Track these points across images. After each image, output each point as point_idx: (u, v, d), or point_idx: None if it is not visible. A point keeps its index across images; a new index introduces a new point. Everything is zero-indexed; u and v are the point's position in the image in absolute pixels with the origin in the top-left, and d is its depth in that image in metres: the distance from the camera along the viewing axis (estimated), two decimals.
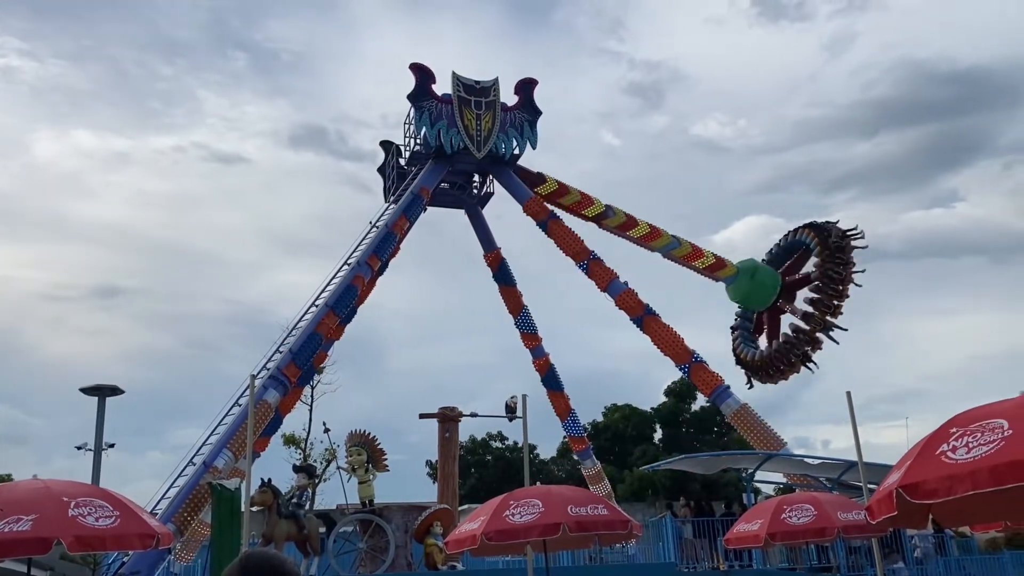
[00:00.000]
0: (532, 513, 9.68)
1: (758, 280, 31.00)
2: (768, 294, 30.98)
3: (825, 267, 28.86)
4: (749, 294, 31.24)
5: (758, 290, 31.04)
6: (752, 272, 31.08)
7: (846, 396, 12.09)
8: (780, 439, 27.39)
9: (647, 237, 30.97)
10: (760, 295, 31.11)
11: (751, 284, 30.95)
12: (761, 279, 31.04)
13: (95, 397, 21.52)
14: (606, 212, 31.27)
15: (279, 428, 29.13)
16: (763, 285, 30.98)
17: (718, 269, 31.11)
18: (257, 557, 2.75)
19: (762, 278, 31.06)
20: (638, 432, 55.21)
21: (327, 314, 26.13)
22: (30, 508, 7.41)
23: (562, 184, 31.93)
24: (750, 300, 31.53)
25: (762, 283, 30.99)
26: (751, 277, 30.97)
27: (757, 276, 31.02)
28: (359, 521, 18.25)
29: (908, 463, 6.09)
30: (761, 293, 31.06)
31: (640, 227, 31.07)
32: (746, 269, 31.17)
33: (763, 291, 31.00)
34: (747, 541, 12.58)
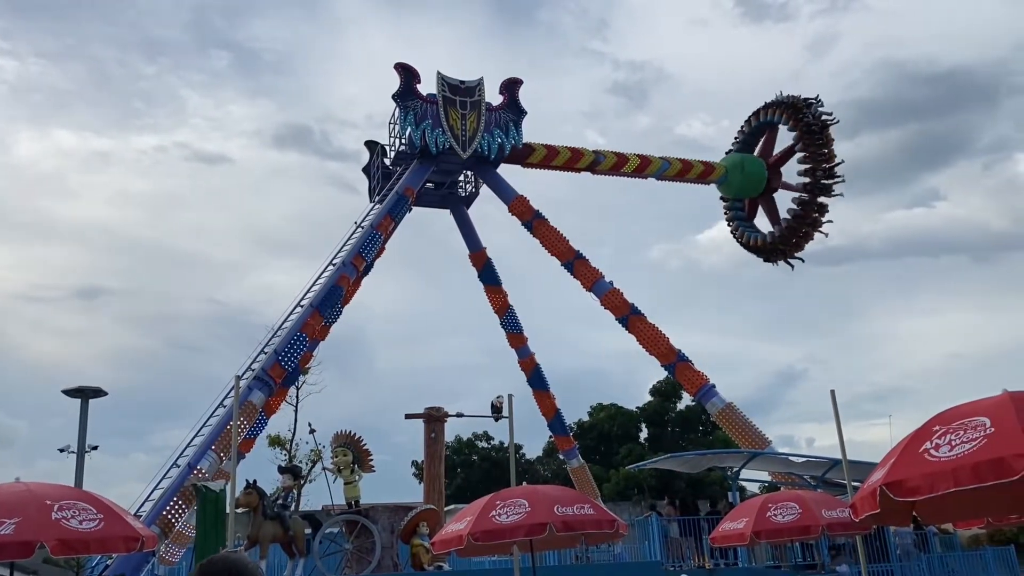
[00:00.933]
0: (518, 513, 9.68)
1: (748, 171, 33.09)
2: (760, 181, 33.13)
3: (804, 139, 31.21)
4: (743, 186, 33.32)
5: (750, 180, 33.16)
6: (740, 165, 33.13)
7: (830, 394, 12.19)
8: (765, 437, 27.54)
9: (640, 168, 32.61)
10: (753, 184, 33.28)
11: (743, 176, 33.03)
12: (750, 169, 33.16)
13: (78, 399, 21.32)
14: (597, 159, 32.51)
15: (264, 429, 29.00)
16: (753, 174, 33.11)
17: (708, 174, 33.23)
18: (216, 562, 2.73)
19: (751, 168, 33.19)
20: (624, 431, 55.39)
21: (312, 314, 26.04)
22: (12, 511, 7.34)
23: (550, 147, 32.55)
24: (745, 191, 33.62)
25: (752, 172, 33.12)
26: (741, 170, 33.02)
27: (746, 167, 33.13)
28: (345, 522, 18.20)
29: (892, 461, 6.14)
30: (753, 181, 33.23)
31: (631, 161, 32.55)
32: (734, 165, 33.16)
33: (755, 179, 33.18)
34: (733, 539, 12.64)
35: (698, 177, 33.23)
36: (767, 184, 33.23)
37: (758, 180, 33.25)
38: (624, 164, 32.44)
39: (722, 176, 33.13)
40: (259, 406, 24.25)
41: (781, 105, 32.39)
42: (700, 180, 33.44)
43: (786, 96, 32.50)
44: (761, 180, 33.21)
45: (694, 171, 33.00)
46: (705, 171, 33.04)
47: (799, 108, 31.66)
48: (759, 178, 33.21)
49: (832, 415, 12.16)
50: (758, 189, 33.42)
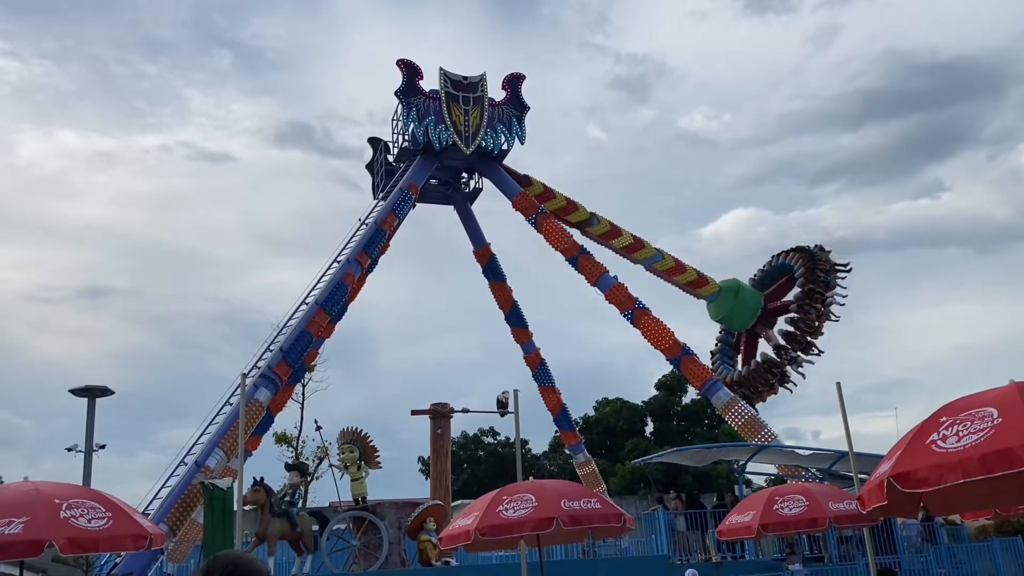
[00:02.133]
0: (525, 508, 9.70)
1: (741, 299, 30.98)
2: (749, 315, 31.05)
3: (804, 302, 29.15)
4: (731, 313, 31.24)
5: (740, 310, 31.08)
6: (735, 291, 31.03)
7: (836, 387, 12.16)
8: (771, 431, 27.51)
9: (630, 248, 31.07)
10: (741, 315, 31.15)
11: (734, 303, 30.97)
12: (744, 299, 31.02)
13: (85, 398, 21.39)
14: (590, 220, 31.39)
15: (271, 427, 29.07)
16: (746, 305, 31.01)
17: (700, 286, 31.15)
18: (222, 559, 2.73)
19: (745, 298, 31.03)
20: (629, 426, 55.35)
21: (317, 312, 26.08)
22: (22, 511, 7.37)
23: (548, 188, 32.04)
24: (732, 319, 31.52)
25: (745, 303, 31.01)
26: (735, 296, 30.96)
27: (740, 295, 31.02)
28: (352, 518, 18.25)
29: (899, 453, 6.14)
30: (743, 313, 31.10)
31: (623, 237, 31.20)
32: (729, 288, 31.08)
33: (745, 311, 31.07)
34: (739, 532, 12.63)
35: (688, 284, 31.11)
36: (756, 323, 31.20)
37: (749, 313, 31.04)
38: (616, 236, 31.10)
39: (713, 294, 31.06)
40: (265, 404, 24.30)
41: (804, 252, 30.18)
42: (690, 288, 31.27)
43: (815, 247, 30.29)
44: (752, 315, 31.04)
45: (686, 275, 31.03)
46: (698, 281, 31.02)
47: (817, 259, 29.51)
48: (751, 312, 31.02)
49: (838, 407, 12.15)
50: (745, 323, 31.30)
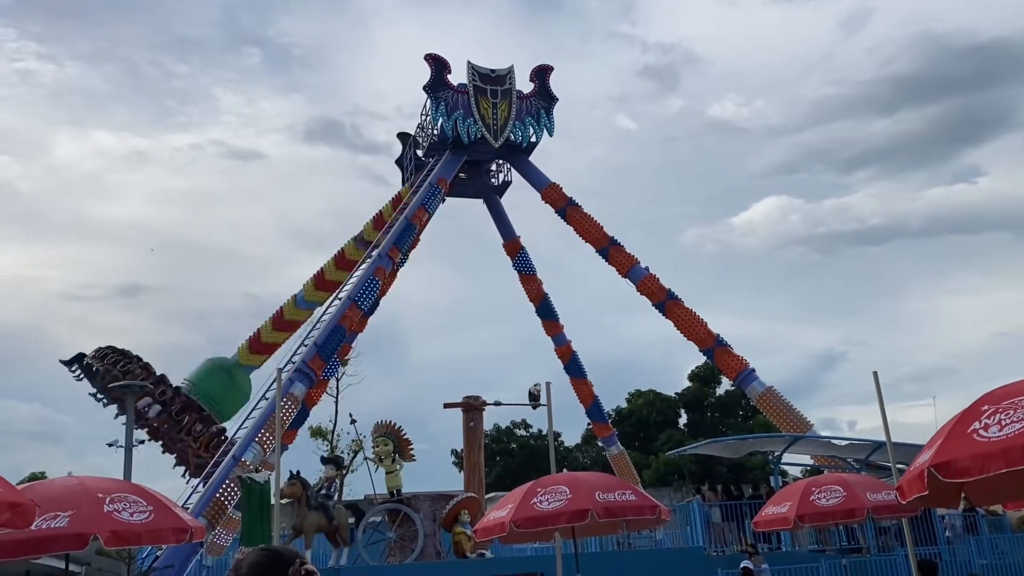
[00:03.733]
0: (560, 500, 9.70)
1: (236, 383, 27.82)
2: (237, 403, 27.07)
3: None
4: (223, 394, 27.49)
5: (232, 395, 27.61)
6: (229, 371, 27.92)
7: (873, 376, 11.99)
8: (806, 421, 27.26)
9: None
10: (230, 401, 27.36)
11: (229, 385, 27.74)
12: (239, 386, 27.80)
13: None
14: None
15: (306, 421, 29.38)
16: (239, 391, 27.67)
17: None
18: (250, 555, 2.77)
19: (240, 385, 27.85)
20: (663, 418, 55.12)
21: (350, 307, 26.28)
22: (67, 505, 7.52)
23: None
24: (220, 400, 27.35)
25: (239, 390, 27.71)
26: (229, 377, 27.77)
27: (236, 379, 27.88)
28: (387, 511, 18.39)
29: (939, 442, 6.04)
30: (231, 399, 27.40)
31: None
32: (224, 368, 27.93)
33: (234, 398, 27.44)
34: (776, 524, 12.54)
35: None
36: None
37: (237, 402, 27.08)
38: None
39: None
40: (300, 398, 24.55)
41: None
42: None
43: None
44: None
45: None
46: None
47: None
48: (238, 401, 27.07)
49: (874, 397, 11.98)
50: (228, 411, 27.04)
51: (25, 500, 6.00)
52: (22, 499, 5.97)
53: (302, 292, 29.90)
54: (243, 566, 2.69)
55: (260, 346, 28.73)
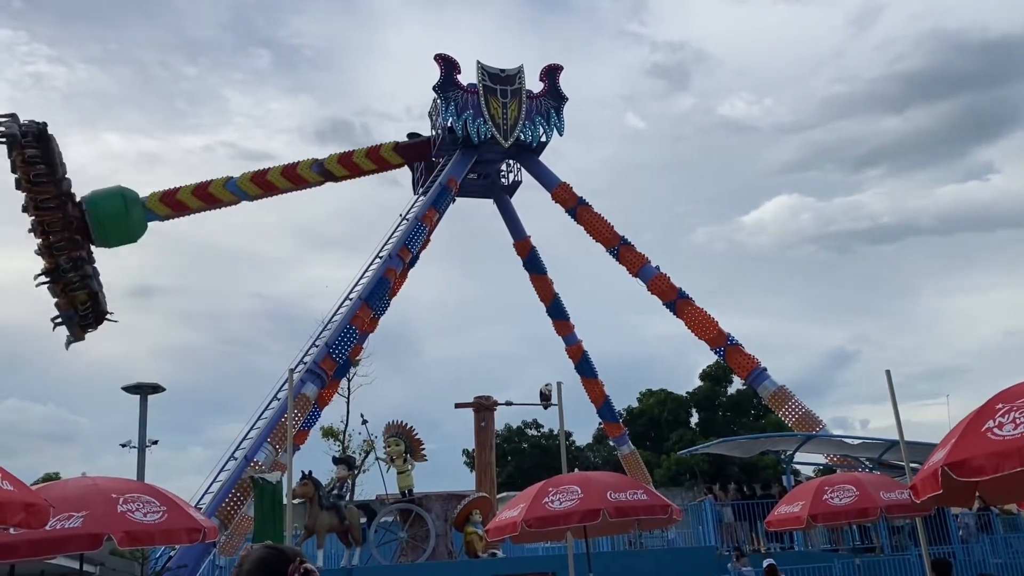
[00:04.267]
0: (571, 499, 9.69)
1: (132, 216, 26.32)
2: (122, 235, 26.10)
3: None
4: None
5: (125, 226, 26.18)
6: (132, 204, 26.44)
7: (885, 374, 11.92)
8: (819, 420, 27.15)
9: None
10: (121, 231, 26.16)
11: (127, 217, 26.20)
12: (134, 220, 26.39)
13: (137, 395, 21.88)
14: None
15: (317, 421, 29.46)
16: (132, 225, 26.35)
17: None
18: (253, 554, 2.81)
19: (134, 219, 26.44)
20: (674, 417, 55.01)
21: (361, 307, 26.35)
22: (81, 505, 7.56)
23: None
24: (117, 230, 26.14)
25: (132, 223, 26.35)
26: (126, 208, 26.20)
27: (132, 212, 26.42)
28: (399, 511, 18.42)
29: (953, 440, 6.01)
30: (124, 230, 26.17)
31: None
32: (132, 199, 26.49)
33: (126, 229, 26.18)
34: (789, 523, 12.48)
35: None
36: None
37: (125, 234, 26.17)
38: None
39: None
40: (312, 398, 24.63)
41: None
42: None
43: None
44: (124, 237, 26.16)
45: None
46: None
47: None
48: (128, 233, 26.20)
49: (887, 396, 11.90)
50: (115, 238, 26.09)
51: (40, 500, 6.04)
52: (37, 499, 6.01)
53: (237, 179, 28.92)
54: (247, 562, 2.74)
55: (172, 201, 27.69)
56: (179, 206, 27.94)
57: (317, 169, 29.87)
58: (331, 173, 30.05)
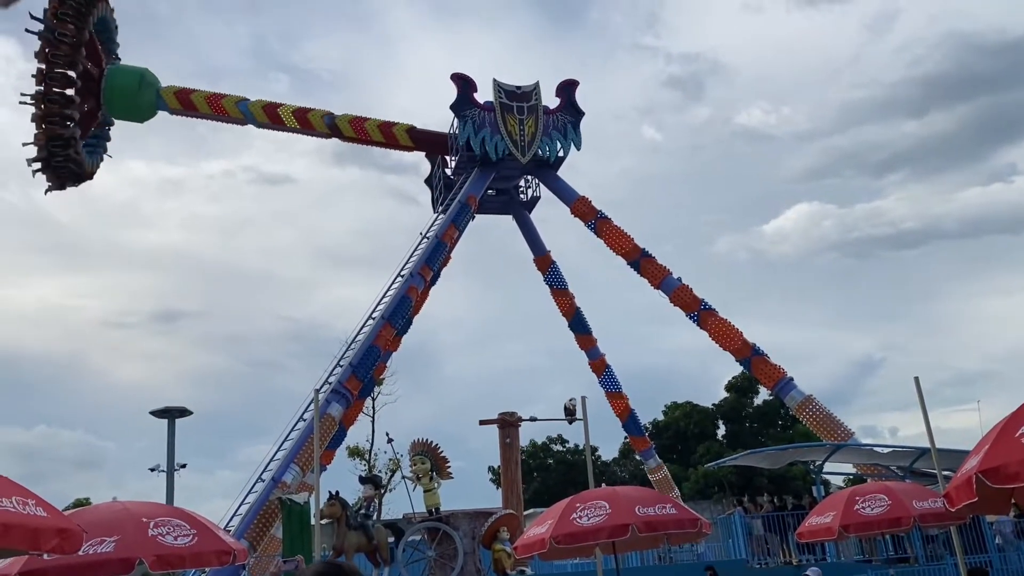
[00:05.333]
0: (600, 515, 9.63)
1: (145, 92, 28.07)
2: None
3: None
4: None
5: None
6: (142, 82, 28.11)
7: (914, 381, 11.78)
8: (847, 429, 26.85)
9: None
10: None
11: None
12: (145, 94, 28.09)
13: (164, 419, 22.05)
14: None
15: (343, 441, 29.55)
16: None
17: None
18: (328, 568, 2.79)
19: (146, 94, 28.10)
20: (700, 429, 54.62)
21: (384, 326, 26.45)
22: (112, 530, 7.62)
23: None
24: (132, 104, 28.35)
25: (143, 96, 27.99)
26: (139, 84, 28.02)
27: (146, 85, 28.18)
28: (427, 529, 18.38)
29: (986, 447, 5.93)
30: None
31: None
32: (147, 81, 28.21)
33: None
34: (820, 534, 12.30)
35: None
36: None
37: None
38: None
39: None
40: (338, 418, 24.71)
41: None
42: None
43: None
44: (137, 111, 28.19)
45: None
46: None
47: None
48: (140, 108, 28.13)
49: (916, 403, 11.77)
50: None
51: (73, 526, 6.10)
52: (70, 525, 6.07)
53: (249, 101, 29.96)
54: (306, 573, 2.74)
55: (186, 99, 28.86)
56: (190, 105, 29.03)
57: (328, 121, 30.60)
58: (339, 129, 30.77)
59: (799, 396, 27.55)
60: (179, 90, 28.95)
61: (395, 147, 32.60)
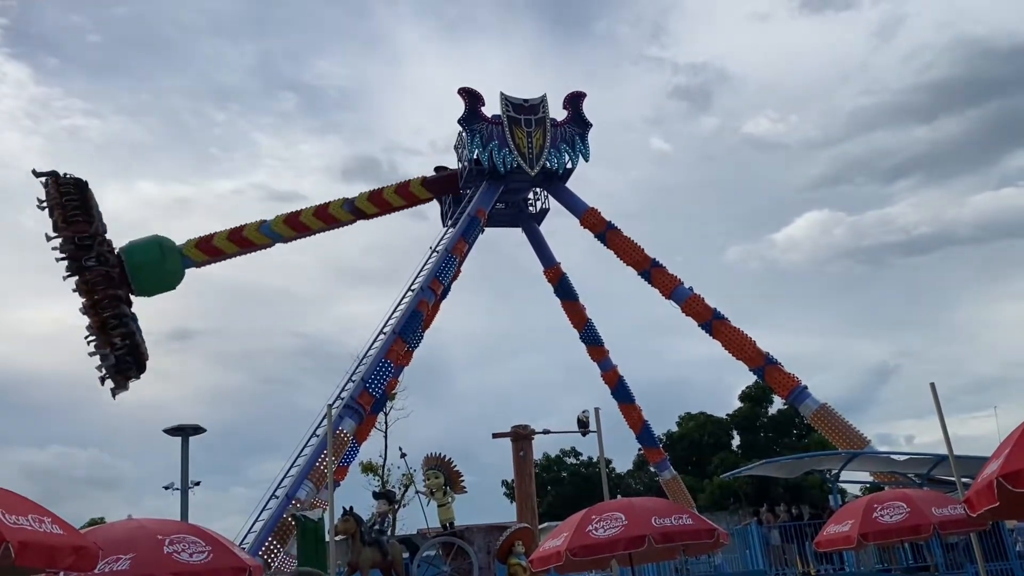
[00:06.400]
0: (616, 527, 9.55)
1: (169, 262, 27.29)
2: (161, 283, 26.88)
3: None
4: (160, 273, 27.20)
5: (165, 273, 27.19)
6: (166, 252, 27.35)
7: (930, 388, 11.67)
8: (863, 437, 26.65)
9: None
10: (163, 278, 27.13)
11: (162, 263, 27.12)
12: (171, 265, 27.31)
13: (178, 437, 22.08)
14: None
15: (356, 456, 29.51)
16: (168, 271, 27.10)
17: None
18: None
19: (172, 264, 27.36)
20: (715, 440, 54.29)
21: (395, 341, 26.47)
22: (128, 548, 7.60)
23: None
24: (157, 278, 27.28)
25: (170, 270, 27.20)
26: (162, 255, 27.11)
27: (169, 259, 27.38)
28: (442, 544, 18.31)
29: (1006, 451, 5.86)
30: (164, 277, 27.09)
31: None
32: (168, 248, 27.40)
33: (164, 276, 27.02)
34: (838, 543, 12.18)
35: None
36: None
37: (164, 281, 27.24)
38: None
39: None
40: (350, 434, 24.70)
41: None
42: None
43: None
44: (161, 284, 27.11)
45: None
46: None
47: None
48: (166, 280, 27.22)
49: (932, 410, 11.65)
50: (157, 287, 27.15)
51: (89, 544, 6.10)
52: (86, 543, 6.06)
53: (270, 221, 29.54)
54: None
55: (208, 247, 28.42)
56: (215, 251, 28.51)
57: (348, 208, 30.28)
58: (362, 211, 30.44)
59: (814, 405, 27.38)
60: (199, 241, 28.36)
61: (416, 203, 32.79)
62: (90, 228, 24.59)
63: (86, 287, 24.38)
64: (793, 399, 28.09)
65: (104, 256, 24.80)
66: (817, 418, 27.38)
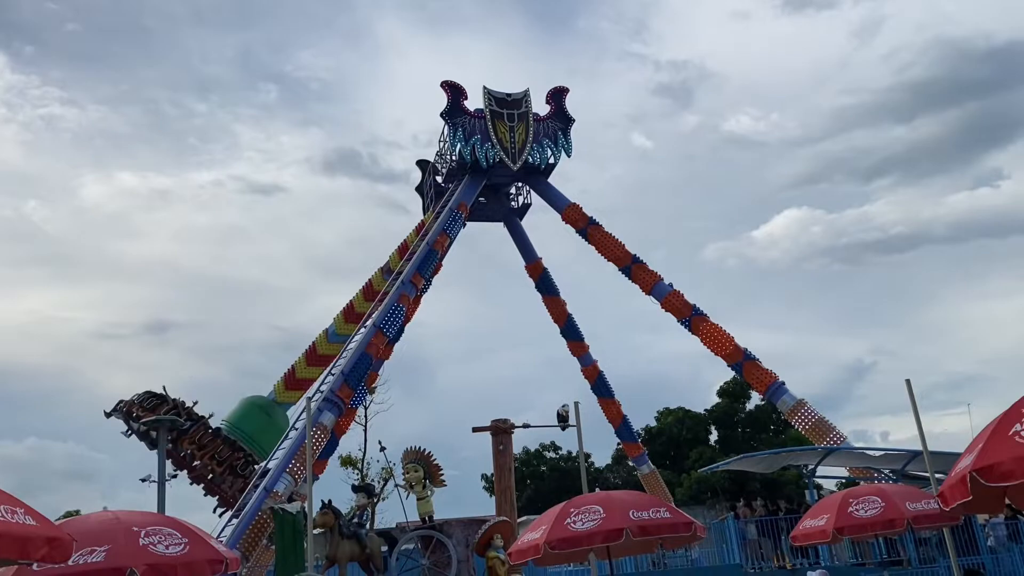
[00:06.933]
0: (594, 520, 9.59)
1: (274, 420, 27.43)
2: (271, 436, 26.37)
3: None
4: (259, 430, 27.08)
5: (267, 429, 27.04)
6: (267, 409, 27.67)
7: (906, 384, 11.80)
8: (839, 433, 26.89)
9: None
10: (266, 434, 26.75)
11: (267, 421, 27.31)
12: (277, 420, 27.38)
13: (155, 430, 21.91)
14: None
15: (336, 450, 29.40)
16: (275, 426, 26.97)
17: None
18: None
19: (278, 419, 27.45)
20: (693, 435, 54.64)
21: (376, 334, 26.37)
22: (102, 539, 7.54)
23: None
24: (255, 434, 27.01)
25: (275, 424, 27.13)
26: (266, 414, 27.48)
27: (274, 416, 27.62)
28: (420, 537, 18.29)
29: (980, 446, 5.93)
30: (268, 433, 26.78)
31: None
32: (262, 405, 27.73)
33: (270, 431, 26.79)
34: (814, 537, 12.29)
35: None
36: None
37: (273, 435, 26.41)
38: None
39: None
40: (330, 427, 24.59)
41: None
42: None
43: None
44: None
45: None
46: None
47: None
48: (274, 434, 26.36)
49: (907, 407, 11.78)
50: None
51: (63, 535, 6.04)
52: (59, 534, 6.00)
53: (333, 326, 30.10)
54: None
55: (295, 383, 28.79)
56: (302, 384, 28.67)
57: (386, 275, 30.38)
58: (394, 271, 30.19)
59: (791, 400, 27.59)
60: (285, 382, 28.69)
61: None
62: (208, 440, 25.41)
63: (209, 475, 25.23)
64: (770, 395, 28.29)
65: (205, 446, 25.35)
66: (794, 414, 27.60)
